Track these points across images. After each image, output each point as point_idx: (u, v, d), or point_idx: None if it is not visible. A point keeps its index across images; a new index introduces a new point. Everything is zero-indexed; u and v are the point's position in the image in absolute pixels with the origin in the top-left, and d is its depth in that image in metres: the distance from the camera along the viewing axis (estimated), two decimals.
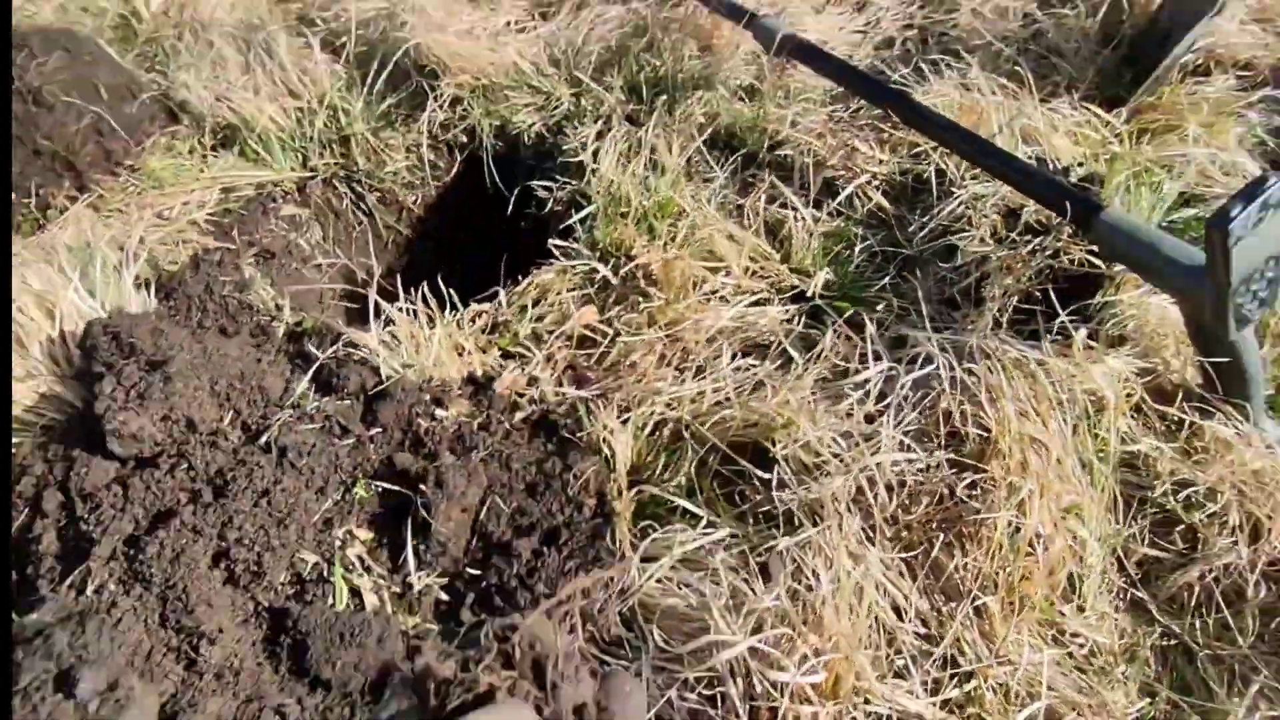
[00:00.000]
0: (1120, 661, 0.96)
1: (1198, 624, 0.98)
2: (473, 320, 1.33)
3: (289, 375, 1.19)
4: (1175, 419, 1.09)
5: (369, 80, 1.75)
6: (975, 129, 1.40)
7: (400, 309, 1.25)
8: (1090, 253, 1.23)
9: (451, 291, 1.31)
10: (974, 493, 0.97)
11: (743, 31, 1.65)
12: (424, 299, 1.29)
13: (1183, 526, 1.04)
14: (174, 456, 1.03)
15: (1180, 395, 1.10)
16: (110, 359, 1.11)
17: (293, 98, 1.74)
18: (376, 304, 1.25)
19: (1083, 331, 1.09)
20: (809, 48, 1.50)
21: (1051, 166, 1.40)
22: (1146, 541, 1.04)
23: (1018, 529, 0.94)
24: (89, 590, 0.90)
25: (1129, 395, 1.07)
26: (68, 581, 0.92)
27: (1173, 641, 0.99)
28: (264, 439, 1.06)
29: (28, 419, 1.15)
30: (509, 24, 1.95)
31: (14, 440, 1.13)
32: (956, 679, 0.90)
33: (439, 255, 1.80)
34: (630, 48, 1.79)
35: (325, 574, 0.96)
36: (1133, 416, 1.10)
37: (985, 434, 1.00)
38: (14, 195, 1.43)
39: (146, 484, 0.99)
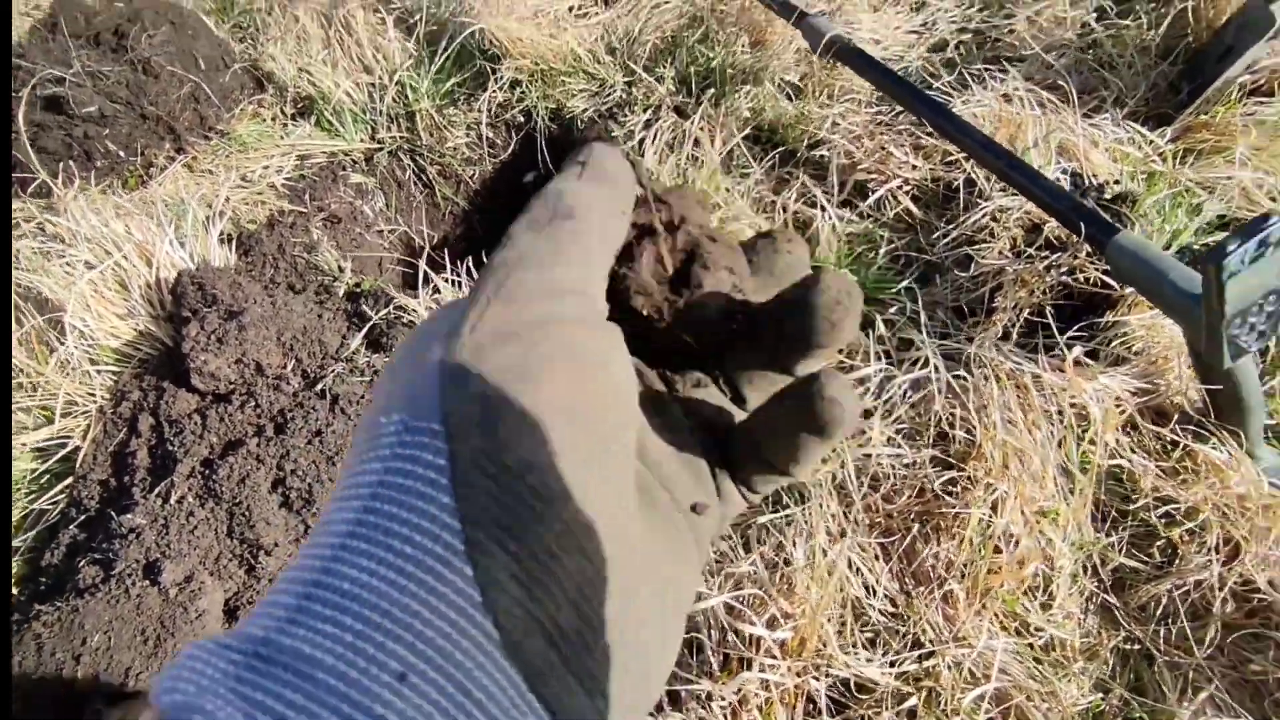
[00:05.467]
0: (1079, 658, 1.02)
1: (1161, 632, 1.04)
2: None
3: (345, 332, 1.33)
4: (1169, 440, 1.12)
5: (436, 59, 1.87)
6: (1012, 140, 1.44)
7: (446, 280, 1.37)
8: (1105, 272, 1.25)
9: None
10: (953, 489, 1.04)
11: (794, 29, 1.70)
12: (469, 272, 1.41)
13: (1162, 541, 1.09)
14: (244, 395, 1.18)
15: (1177, 417, 1.14)
16: (195, 306, 1.27)
17: (366, 73, 1.88)
18: (426, 273, 1.37)
19: (1078, 349, 1.13)
20: (853, 51, 1.54)
21: (1086, 182, 1.42)
22: (1125, 551, 1.09)
23: (989, 525, 1.00)
24: (172, 500, 1.06)
25: (1120, 412, 1.11)
26: (155, 491, 1.09)
27: (1135, 646, 1.04)
28: (320, 386, 1.20)
29: (126, 351, 1.33)
30: (572, 9, 2.04)
31: (116, 370, 1.30)
32: (918, 654, 0.99)
33: (493, 228, 1.93)
34: (685, 38, 1.85)
35: None
36: (1127, 433, 1.14)
37: (971, 437, 1.06)
38: (122, 154, 1.60)
39: (221, 416, 1.15)
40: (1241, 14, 1.55)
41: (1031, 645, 1.02)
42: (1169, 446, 1.13)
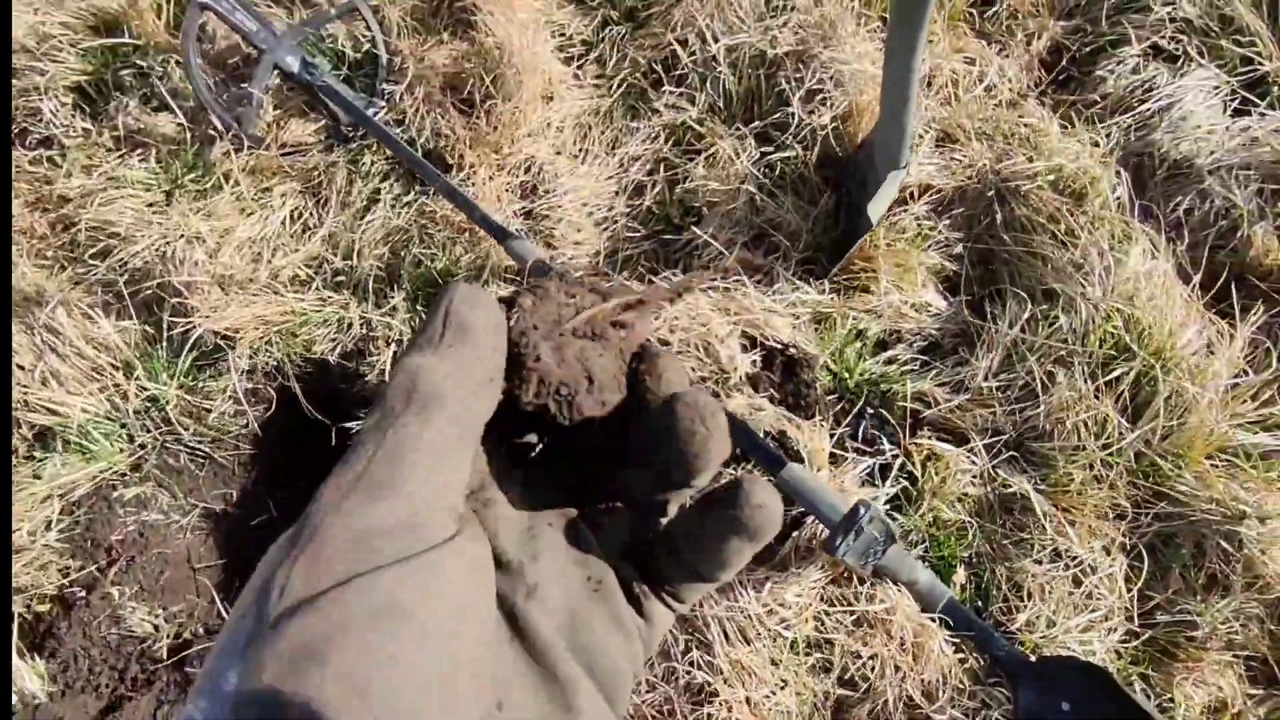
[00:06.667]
0: None
1: None
2: None
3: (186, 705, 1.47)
4: (851, 609, 1.50)
5: (164, 335, 1.84)
6: (706, 344, 1.67)
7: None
8: None
9: None
10: (700, 705, 1.38)
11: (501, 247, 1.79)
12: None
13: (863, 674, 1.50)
14: None
15: (855, 581, 1.51)
16: None
17: (96, 375, 1.83)
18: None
19: (768, 587, 1.46)
20: (558, 273, 1.67)
21: (776, 349, 1.69)
22: (839, 685, 1.50)
23: None
24: None
25: (811, 605, 1.47)
26: None
27: None
28: None
29: None
30: (285, 221, 2.00)
31: None
32: None
33: (276, 478, 2.00)
34: (408, 247, 1.90)
35: None
36: (827, 602, 1.51)
37: (707, 671, 1.40)
38: None
39: None
40: (875, 135, 1.77)
41: None
42: (854, 611, 1.51)
